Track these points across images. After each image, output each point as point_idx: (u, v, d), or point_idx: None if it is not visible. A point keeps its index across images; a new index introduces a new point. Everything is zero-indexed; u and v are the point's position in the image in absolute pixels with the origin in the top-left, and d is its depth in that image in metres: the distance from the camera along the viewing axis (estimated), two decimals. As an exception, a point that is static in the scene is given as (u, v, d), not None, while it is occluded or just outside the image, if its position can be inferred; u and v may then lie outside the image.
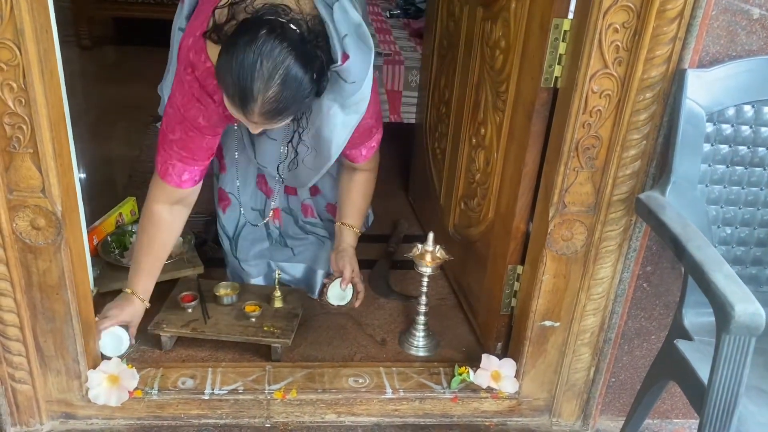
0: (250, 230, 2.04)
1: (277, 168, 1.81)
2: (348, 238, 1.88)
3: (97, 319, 1.66)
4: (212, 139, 1.63)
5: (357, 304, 1.87)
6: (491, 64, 1.77)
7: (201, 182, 1.71)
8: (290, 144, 1.67)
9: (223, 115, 1.56)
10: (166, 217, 1.69)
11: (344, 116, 1.59)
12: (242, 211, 2.02)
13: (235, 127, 1.84)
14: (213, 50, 1.46)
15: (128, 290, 1.73)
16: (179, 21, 1.69)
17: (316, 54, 1.39)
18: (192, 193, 1.71)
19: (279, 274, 1.91)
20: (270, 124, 1.41)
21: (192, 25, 1.56)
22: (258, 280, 2.05)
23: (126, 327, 1.71)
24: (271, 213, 2.03)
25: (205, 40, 1.49)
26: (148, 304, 1.75)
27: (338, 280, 1.83)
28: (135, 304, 1.73)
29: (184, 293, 1.88)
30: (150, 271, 1.74)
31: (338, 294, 1.83)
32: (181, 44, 1.57)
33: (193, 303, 1.85)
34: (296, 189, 2.03)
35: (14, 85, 1.28)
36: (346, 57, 1.45)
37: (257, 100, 1.33)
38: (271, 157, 1.83)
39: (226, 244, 2.05)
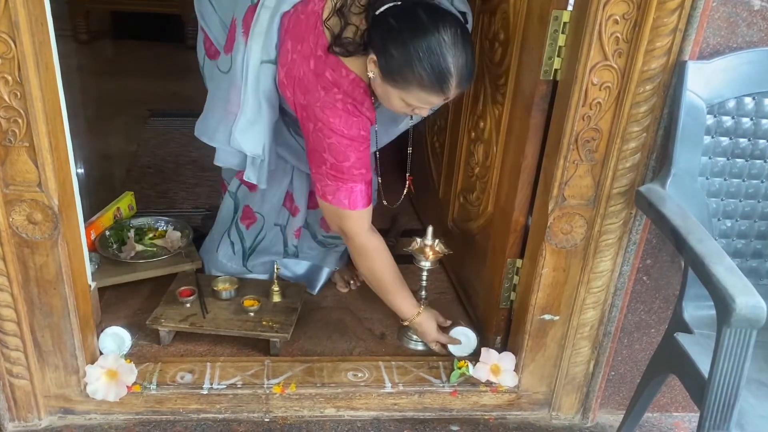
0: (268, 244, 2.01)
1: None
2: None
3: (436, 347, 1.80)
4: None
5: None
6: (490, 56, 1.76)
7: None
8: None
9: (372, 120, 1.60)
10: (380, 243, 1.70)
11: None
12: (264, 226, 1.98)
13: None
14: (349, 61, 1.49)
15: (406, 322, 1.78)
16: (262, 54, 1.57)
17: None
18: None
19: (278, 269, 1.90)
20: (463, 90, 1.46)
21: (297, 51, 1.52)
22: (261, 276, 2.04)
23: (126, 327, 1.73)
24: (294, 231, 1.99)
25: (336, 56, 1.49)
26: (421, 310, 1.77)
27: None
28: (428, 315, 1.78)
29: (183, 288, 1.87)
30: (404, 287, 1.76)
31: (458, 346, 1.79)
32: (296, 74, 1.53)
33: (191, 297, 1.84)
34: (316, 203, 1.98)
35: (9, 78, 1.27)
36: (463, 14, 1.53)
37: (453, 74, 1.38)
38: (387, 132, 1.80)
39: (239, 256, 2.01)
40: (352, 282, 2.13)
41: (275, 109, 1.66)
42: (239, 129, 1.62)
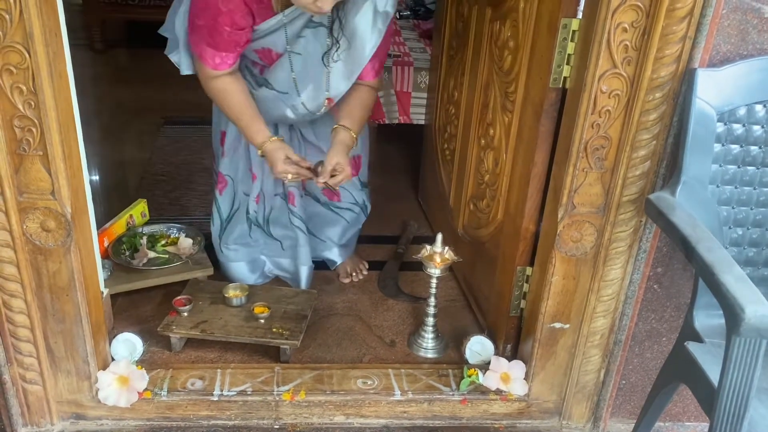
0: (240, 216, 2.04)
1: (322, 58, 1.77)
2: (342, 136, 1.80)
3: (288, 173, 1.75)
4: (237, 33, 1.64)
5: (320, 180, 1.77)
6: (500, 64, 1.76)
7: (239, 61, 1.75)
8: (332, 35, 1.71)
9: (246, 7, 1.60)
10: (225, 85, 1.74)
11: (382, 8, 1.67)
12: (236, 193, 2.02)
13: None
14: None
15: (259, 151, 1.78)
16: None
17: None
18: (233, 69, 1.74)
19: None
20: None
21: None
22: (240, 266, 2.06)
23: (138, 333, 1.74)
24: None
25: None
26: (277, 137, 1.79)
27: None
28: (275, 145, 1.76)
29: (177, 297, 1.86)
30: (255, 119, 1.78)
31: None
32: None
33: (187, 307, 1.84)
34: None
35: (24, 87, 1.29)
36: None
37: None
38: (286, 81, 1.80)
39: (216, 228, 2.05)
40: (354, 274, 2.14)
41: None
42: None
